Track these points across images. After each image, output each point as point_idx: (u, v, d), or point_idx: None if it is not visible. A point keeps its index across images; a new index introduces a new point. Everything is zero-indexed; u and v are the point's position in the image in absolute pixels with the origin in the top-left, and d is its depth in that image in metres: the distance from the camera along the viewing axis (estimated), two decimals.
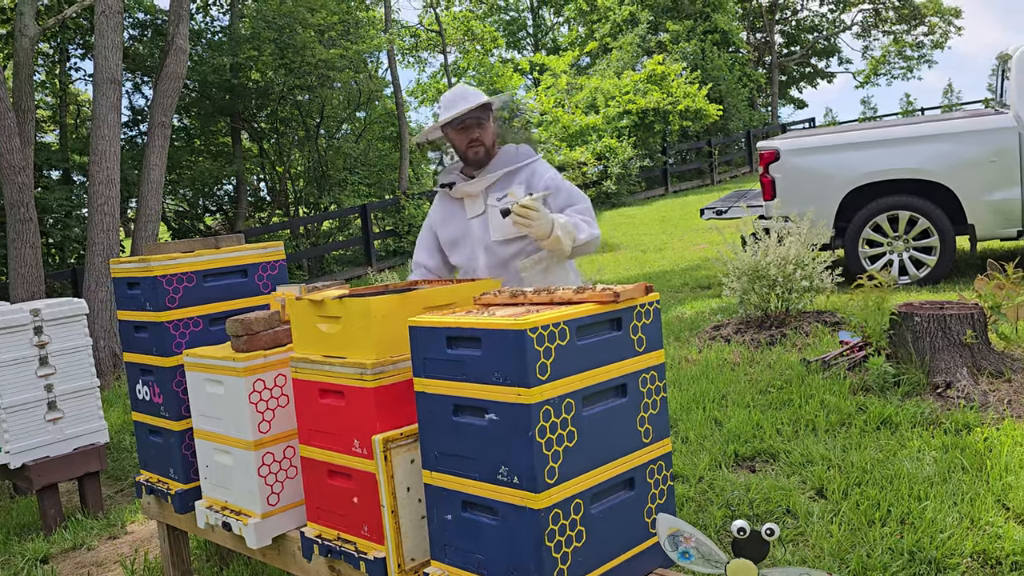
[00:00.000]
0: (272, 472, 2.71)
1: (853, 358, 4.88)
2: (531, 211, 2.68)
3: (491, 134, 3.01)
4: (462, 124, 2.96)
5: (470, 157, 3.00)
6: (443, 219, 3.14)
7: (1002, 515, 3.09)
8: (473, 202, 3.05)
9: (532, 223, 2.69)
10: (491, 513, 1.99)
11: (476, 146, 2.98)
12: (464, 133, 2.97)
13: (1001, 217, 6.90)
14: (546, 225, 2.71)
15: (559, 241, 2.76)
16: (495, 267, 2.98)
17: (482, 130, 2.97)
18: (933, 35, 35.02)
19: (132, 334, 3.22)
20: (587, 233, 2.86)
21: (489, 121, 2.99)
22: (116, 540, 4.17)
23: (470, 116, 2.94)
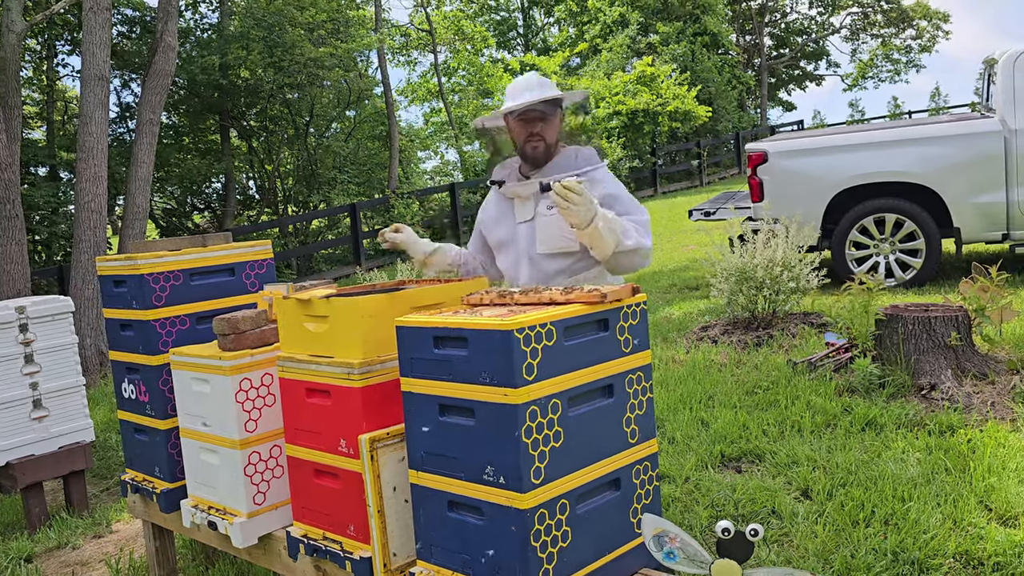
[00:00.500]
0: (258, 471, 2.70)
1: (839, 359, 4.91)
2: (572, 192, 2.42)
3: (554, 132, 2.77)
4: (525, 115, 2.72)
5: (527, 152, 2.76)
6: (494, 218, 2.92)
7: (984, 516, 3.11)
8: (523, 205, 2.80)
9: (572, 206, 2.42)
10: (477, 513, 1.99)
11: (536, 141, 2.74)
12: (525, 125, 2.73)
13: (986, 220, 6.96)
14: (587, 212, 2.43)
15: (598, 235, 2.47)
16: (537, 280, 2.75)
17: (545, 125, 2.73)
18: (921, 39, 35.26)
19: (118, 332, 3.21)
20: (635, 240, 2.58)
21: (555, 118, 2.75)
22: (101, 539, 4.15)
23: (535, 108, 2.70)
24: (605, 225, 2.47)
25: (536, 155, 2.74)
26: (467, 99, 23.25)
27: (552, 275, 2.73)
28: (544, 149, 2.74)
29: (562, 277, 2.71)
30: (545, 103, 2.69)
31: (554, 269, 2.73)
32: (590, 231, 2.47)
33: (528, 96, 2.68)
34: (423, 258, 2.94)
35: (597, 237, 2.48)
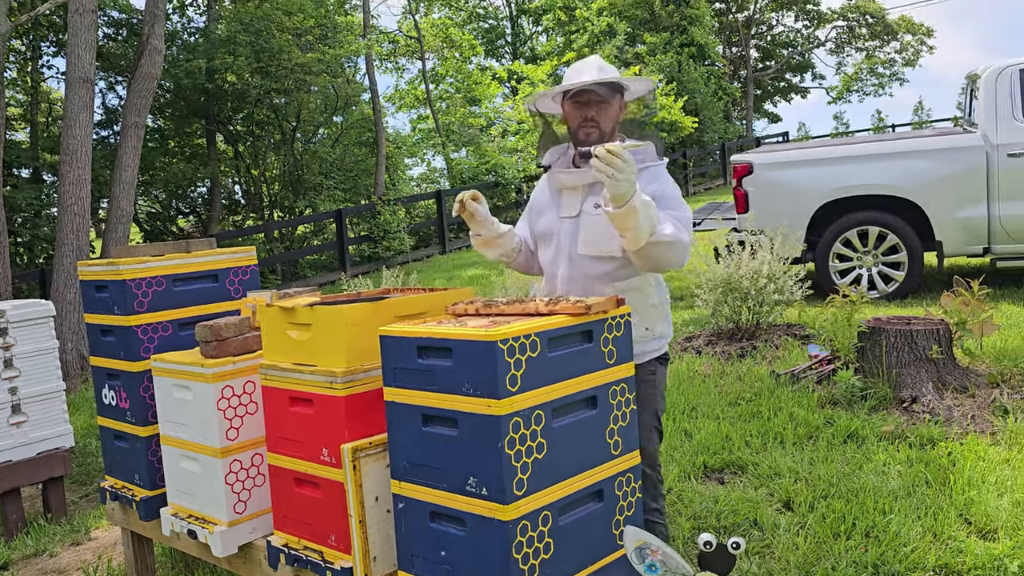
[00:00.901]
0: (239, 480, 2.68)
1: (822, 371, 4.94)
2: (617, 159, 2.16)
3: (612, 118, 2.53)
4: (580, 97, 2.51)
5: (580, 138, 2.53)
6: (541, 206, 2.71)
7: (964, 529, 3.13)
8: (570, 197, 2.59)
9: (616, 174, 2.15)
10: (459, 524, 1.99)
11: (590, 126, 2.51)
12: (580, 108, 2.51)
13: (968, 234, 7.02)
14: (628, 184, 2.17)
15: (634, 217, 2.21)
16: (575, 281, 2.55)
17: (601, 111, 2.50)
18: (905, 52, 35.61)
19: (99, 337, 3.18)
20: (672, 232, 2.32)
21: (614, 104, 2.52)
22: (79, 546, 4.10)
23: (592, 90, 2.48)
24: (643, 208, 2.22)
25: (589, 141, 2.50)
26: (454, 106, 23.25)
27: (592, 279, 2.53)
28: (598, 136, 2.51)
29: (601, 283, 2.52)
30: (604, 86, 2.48)
31: (595, 272, 2.52)
32: (626, 210, 2.20)
33: (590, 75, 2.48)
34: (492, 237, 2.66)
35: (632, 218, 2.21)
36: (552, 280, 2.62)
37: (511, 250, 2.73)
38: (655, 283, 2.62)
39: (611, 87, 2.50)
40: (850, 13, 34.81)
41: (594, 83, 2.46)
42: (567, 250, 2.56)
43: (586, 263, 2.53)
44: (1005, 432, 3.98)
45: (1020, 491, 3.36)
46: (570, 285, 2.56)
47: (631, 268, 2.51)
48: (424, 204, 17.88)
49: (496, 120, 23.24)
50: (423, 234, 17.43)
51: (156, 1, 8.73)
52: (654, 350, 2.58)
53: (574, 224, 2.56)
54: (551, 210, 2.65)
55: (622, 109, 2.59)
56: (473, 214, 2.59)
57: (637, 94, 2.62)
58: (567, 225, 2.58)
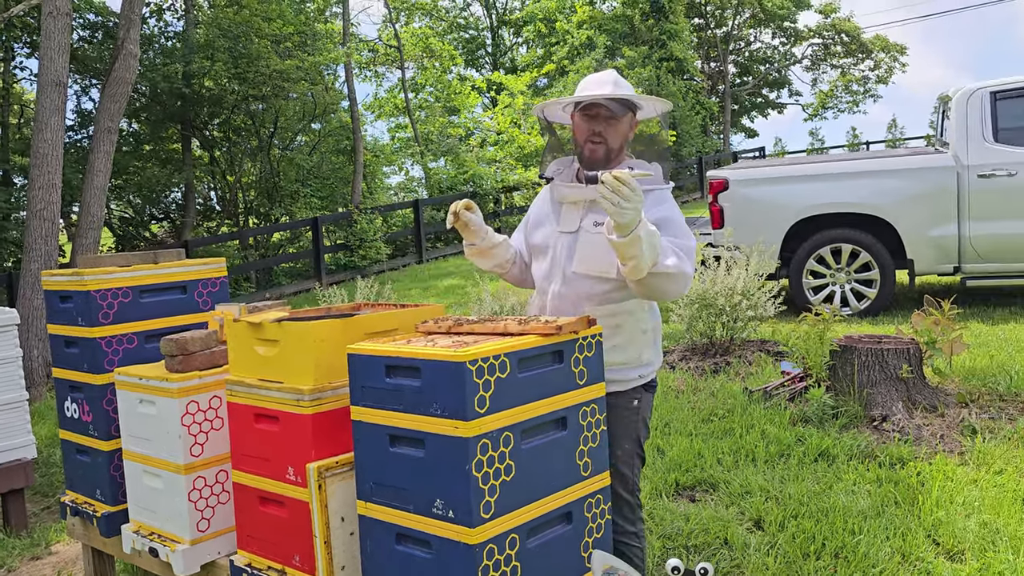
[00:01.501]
0: (203, 497, 2.63)
1: (794, 389, 4.96)
2: (624, 186, 2.08)
3: (621, 135, 2.46)
4: (590, 110, 2.43)
5: (585, 153, 2.46)
6: (538, 218, 2.63)
7: (932, 550, 3.15)
8: (570, 212, 2.51)
9: (622, 202, 2.07)
10: (425, 547, 1.96)
11: (597, 141, 2.43)
12: (589, 122, 2.43)
13: (939, 253, 7.11)
14: (635, 213, 2.09)
15: (638, 246, 2.12)
16: (566, 300, 2.46)
17: (610, 127, 2.43)
18: (878, 69, 36.13)
19: (62, 349, 3.12)
20: (675, 263, 2.24)
21: (624, 122, 2.45)
22: (39, 561, 4.00)
23: (602, 104, 2.41)
24: (648, 238, 2.14)
25: (594, 157, 2.44)
26: (433, 116, 23.23)
27: (584, 298, 2.43)
28: (604, 153, 2.44)
29: (593, 304, 2.42)
30: (616, 102, 2.40)
31: (588, 292, 2.43)
32: (630, 239, 2.12)
33: (602, 90, 2.41)
34: (487, 248, 2.59)
35: (636, 248, 2.13)
36: (543, 295, 2.54)
37: (505, 261, 2.66)
38: (649, 308, 2.53)
39: (623, 104, 2.43)
40: (826, 31, 35.28)
41: (606, 97, 2.39)
42: (561, 266, 2.49)
43: (580, 282, 2.45)
44: (973, 452, 4.01)
45: (987, 512, 3.38)
46: (561, 302, 2.47)
47: (626, 291, 2.42)
48: (401, 213, 17.82)
49: (475, 130, 23.24)
50: (400, 243, 17.36)
51: (132, 5, 8.64)
52: (639, 377, 2.49)
53: (572, 240, 2.48)
54: (549, 223, 2.57)
55: (632, 127, 2.52)
56: (467, 223, 2.52)
57: (650, 114, 2.57)
58: (564, 240, 2.50)
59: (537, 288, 2.60)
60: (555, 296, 2.49)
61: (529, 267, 2.68)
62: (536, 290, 2.61)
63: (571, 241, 2.48)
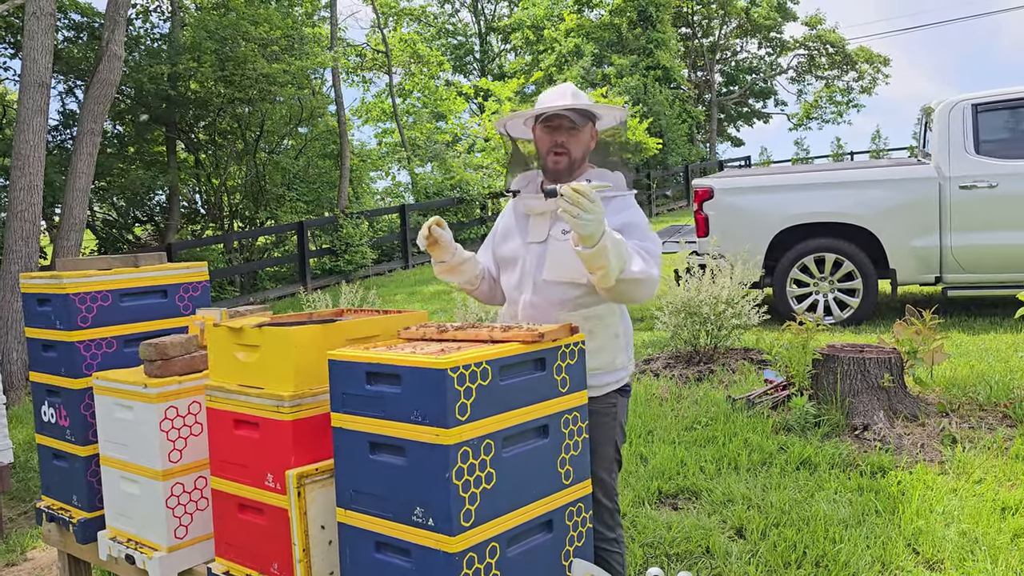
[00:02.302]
0: (181, 503, 2.60)
1: (777, 397, 4.97)
2: (584, 198, 2.10)
3: (583, 146, 2.52)
4: (552, 122, 2.48)
5: (549, 165, 2.51)
6: (505, 231, 2.67)
7: (912, 559, 3.16)
8: (538, 223, 2.56)
9: (583, 215, 2.09)
10: (405, 555, 1.94)
11: (560, 153, 2.48)
12: (551, 134, 2.49)
13: (920, 263, 7.16)
14: (597, 225, 2.12)
15: (604, 256, 2.16)
16: (538, 308, 2.50)
17: (572, 137, 2.48)
18: (862, 80, 36.45)
19: (40, 352, 3.08)
20: (642, 268, 2.29)
21: (585, 132, 2.51)
22: (14, 567, 3.95)
23: (563, 115, 2.46)
24: (614, 247, 2.18)
25: (558, 169, 2.49)
26: (421, 121, 23.23)
27: (556, 305, 2.47)
28: (567, 164, 2.49)
29: (565, 310, 2.46)
30: (576, 112, 2.46)
31: (559, 299, 2.47)
32: (596, 250, 2.15)
33: (563, 101, 2.46)
34: (456, 264, 2.60)
35: (603, 257, 2.17)
36: (514, 305, 2.56)
37: (475, 277, 2.67)
38: (620, 313, 2.56)
39: (583, 114, 2.48)
40: (811, 42, 35.56)
41: (566, 108, 2.43)
42: (532, 275, 2.51)
43: (551, 289, 2.48)
44: (953, 462, 4.04)
45: (967, 521, 3.40)
46: (534, 311, 2.50)
47: (597, 296, 2.45)
48: (388, 218, 17.79)
49: (462, 136, 23.26)
50: (386, 248, 17.32)
51: (117, 6, 8.59)
52: (614, 381, 2.52)
53: (541, 249, 2.51)
54: (517, 235, 2.61)
55: (593, 138, 2.56)
56: (438, 240, 2.52)
57: (609, 123, 2.60)
58: (534, 250, 2.53)
59: (508, 299, 2.62)
60: (527, 305, 2.51)
61: (498, 281, 2.71)
62: (507, 301, 2.63)
63: (541, 250, 2.51)
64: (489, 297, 2.75)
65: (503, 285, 2.64)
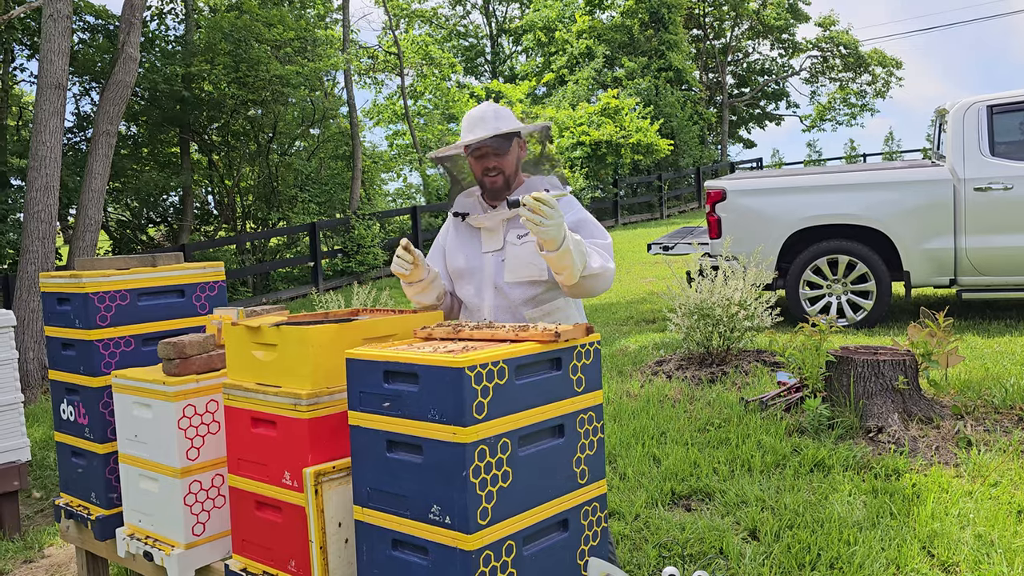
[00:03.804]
0: (198, 501, 2.62)
1: (790, 399, 4.96)
2: (546, 207, 2.31)
3: (513, 162, 2.69)
4: (479, 150, 2.66)
5: (486, 186, 2.69)
6: (455, 246, 2.82)
7: (927, 562, 3.15)
8: (491, 235, 2.73)
9: (544, 221, 2.30)
10: (421, 553, 1.95)
11: (493, 175, 2.66)
12: (480, 160, 2.67)
13: (935, 265, 7.13)
14: (557, 231, 2.34)
15: (568, 256, 2.38)
16: (502, 310, 2.68)
17: (500, 159, 2.65)
18: (876, 84, 36.28)
19: (59, 351, 3.11)
20: (600, 264, 2.52)
21: (512, 150, 2.68)
22: (32, 564, 3.99)
23: (487, 144, 2.64)
24: (575, 247, 2.40)
25: (495, 188, 2.69)
26: (432, 123, 23.29)
27: (519, 304, 2.66)
28: (503, 182, 2.68)
29: (529, 307, 2.65)
30: (496, 138, 2.62)
31: (522, 298, 2.66)
32: (560, 252, 2.36)
33: (480, 131, 2.61)
34: (431, 279, 2.72)
35: (567, 258, 2.38)
36: (478, 312, 2.72)
37: (443, 292, 2.80)
38: (576, 304, 2.79)
39: (504, 136, 2.63)
40: (824, 44, 35.43)
41: (484, 140, 2.60)
42: (492, 281, 2.70)
43: (513, 290, 2.67)
44: (968, 464, 4.02)
45: (982, 524, 3.39)
46: (498, 314, 2.68)
47: (555, 291, 2.68)
48: (399, 219, 17.84)
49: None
50: None
51: (132, 8, 8.66)
52: None
53: (497, 256, 2.70)
54: (468, 247, 2.77)
55: (523, 148, 2.73)
56: (416, 260, 2.66)
57: (532, 132, 2.77)
58: (490, 258, 2.72)
59: (468, 307, 2.79)
60: (491, 309, 2.70)
61: (453, 295, 2.87)
62: (466, 309, 2.79)
63: (497, 257, 2.71)
64: (448, 310, 2.88)
65: (462, 295, 2.80)
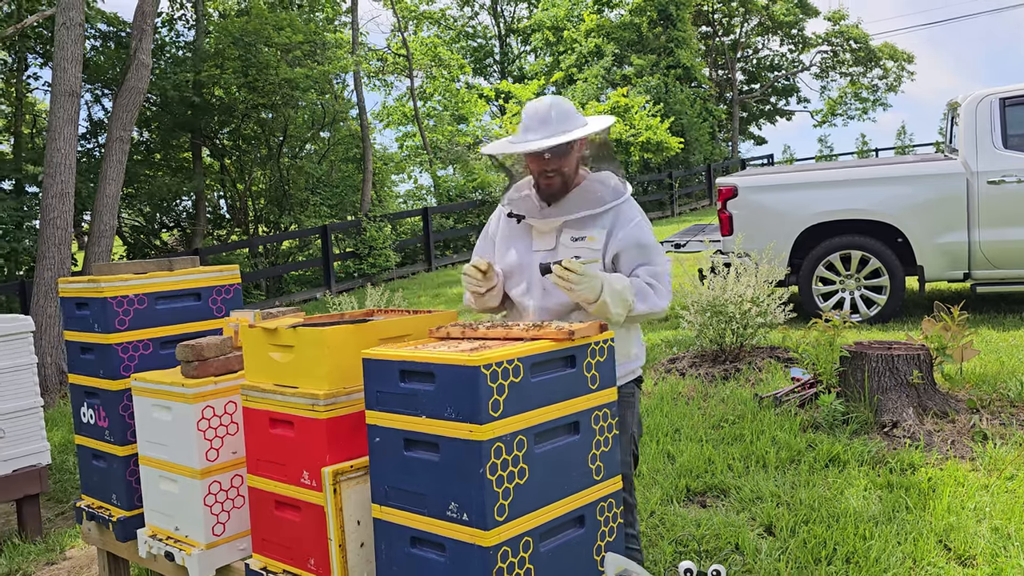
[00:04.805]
0: (218, 501, 2.66)
1: (804, 395, 4.96)
2: (573, 273, 2.34)
3: (574, 163, 2.59)
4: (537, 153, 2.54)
5: (542, 187, 2.59)
6: (506, 238, 2.73)
7: (943, 556, 3.14)
8: (543, 236, 2.65)
9: (574, 287, 2.35)
10: (439, 550, 1.98)
11: (552, 177, 2.56)
12: (539, 162, 2.55)
13: (949, 259, 7.09)
14: (590, 291, 2.36)
15: (606, 308, 2.40)
16: (548, 312, 2.58)
17: (560, 160, 2.54)
18: (887, 78, 36.07)
19: (78, 355, 3.15)
20: (649, 305, 2.48)
21: (573, 150, 2.57)
22: (54, 566, 4.04)
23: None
24: (613, 298, 2.39)
25: (552, 191, 2.58)
26: (442, 124, 23.32)
27: (569, 307, 2.55)
28: (560, 183, 2.57)
29: (578, 310, 2.54)
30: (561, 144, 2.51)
31: (570, 303, 2.55)
32: (598, 307, 2.39)
33: (541, 135, 2.50)
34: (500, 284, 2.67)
35: (605, 310, 2.40)
36: (525, 312, 2.63)
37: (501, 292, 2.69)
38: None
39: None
40: (834, 38, 35.26)
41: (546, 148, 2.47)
42: (541, 282, 2.58)
43: (561, 294, 2.53)
44: (984, 458, 4.01)
45: (999, 518, 3.38)
46: (544, 315, 2.58)
47: None
48: (411, 221, 17.88)
49: (484, 138, 23.30)
50: (409, 251, 17.41)
51: (144, 15, 8.73)
52: (630, 373, 2.62)
53: (550, 256, 2.58)
54: (521, 243, 2.67)
55: (582, 146, 2.62)
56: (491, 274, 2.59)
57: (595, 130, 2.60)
58: (542, 257, 2.60)
59: (516, 306, 2.68)
60: (537, 311, 2.60)
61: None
62: (514, 307, 2.69)
63: (550, 257, 2.58)
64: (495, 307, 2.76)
65: (510, 292, 2.69)
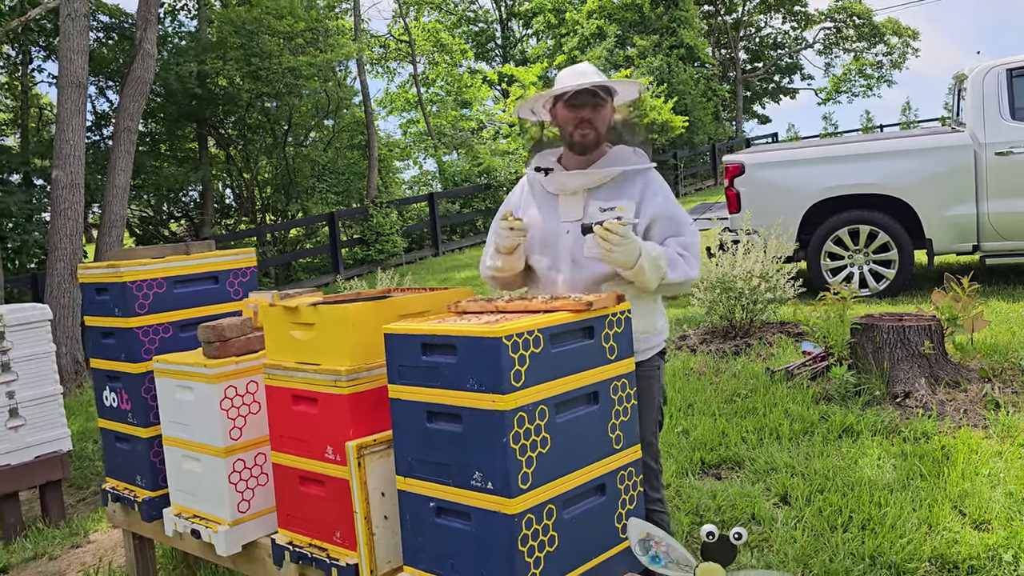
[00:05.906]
0: (243, 479, 2.70)
1: (816, 368, 4.98)
2: (614, 235, 2.31)
3: (607, 120, 2.57)
4: (575, 99, 2.52)
5: (575, 139, 2.55)
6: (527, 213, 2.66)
7: (959, 521, 3.18)
8: (569, 202, 2.59)
9: (613, 248, 2.32)
10: (465, 519, 2.01)
11: (585, 128, 2.53)
12: (576, 111, 2.52)
13: (957, 232, 7.09)
14: (630, 254, 2.34)
15: (643, 273, 2.38)
16: (577, 285, 2.53)
17: (596, 113, 2.53)
18: (892, 55, 35.81)
19: (99, 340, 3.19)
20: (681, 273, 2.47)
21: (607, 108, 2.56)
22: (79, 549, 4.10)
23: (591, 91, 2.51)
24: (650, 263, 2.38)
25: (585, 143, 2.54)
26: (445, 109, 23.29)
27: (598, 280, 2.52)
28: (594, 137, 2.55)
29: (608, 284, 2.51)
30: (599, 88, 2.51)
31: (600, 274, 2.51)
32: (635, 271, 2.37)
33: (584, 79, 2.51)
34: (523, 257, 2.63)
35: (641, 275, 2.38)
36: (553, 286, 2.58)
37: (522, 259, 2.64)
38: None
39: (604, 90, 2.54)
40: (837, 14, 35.00)
41: (591, 84, 2.48)
42: (571, 253, 2.54)
43: (591, 265, 2.50)
44: (997, 425, 4.03)
45: (1013, 483, 3.41)
46: (572, 289, 2.53)
47: None
48: (417, 206, 17.90)
49: (488, 123, 23.27)
50: (416, 236, 17.44)
51: (148, 6, 8.74)
52: (657, 345, 2.61)
53: (579, 228, 2.51)
54: (545, 214, 2.61)
55: (613, 112, 2.62)
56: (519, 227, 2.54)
57: (626, 99, 2.66)
58: (571, 227, 2.55)
59: (542, 280, 2.62)
60: (566, 284, 2.54)
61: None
62: (540, 282, 2.63)
63: (578, 229, 2.51)
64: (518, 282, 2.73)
65: (536, 266, 2.63)
